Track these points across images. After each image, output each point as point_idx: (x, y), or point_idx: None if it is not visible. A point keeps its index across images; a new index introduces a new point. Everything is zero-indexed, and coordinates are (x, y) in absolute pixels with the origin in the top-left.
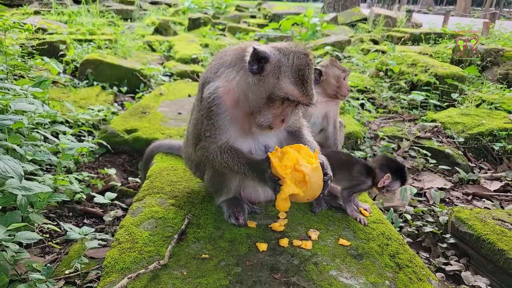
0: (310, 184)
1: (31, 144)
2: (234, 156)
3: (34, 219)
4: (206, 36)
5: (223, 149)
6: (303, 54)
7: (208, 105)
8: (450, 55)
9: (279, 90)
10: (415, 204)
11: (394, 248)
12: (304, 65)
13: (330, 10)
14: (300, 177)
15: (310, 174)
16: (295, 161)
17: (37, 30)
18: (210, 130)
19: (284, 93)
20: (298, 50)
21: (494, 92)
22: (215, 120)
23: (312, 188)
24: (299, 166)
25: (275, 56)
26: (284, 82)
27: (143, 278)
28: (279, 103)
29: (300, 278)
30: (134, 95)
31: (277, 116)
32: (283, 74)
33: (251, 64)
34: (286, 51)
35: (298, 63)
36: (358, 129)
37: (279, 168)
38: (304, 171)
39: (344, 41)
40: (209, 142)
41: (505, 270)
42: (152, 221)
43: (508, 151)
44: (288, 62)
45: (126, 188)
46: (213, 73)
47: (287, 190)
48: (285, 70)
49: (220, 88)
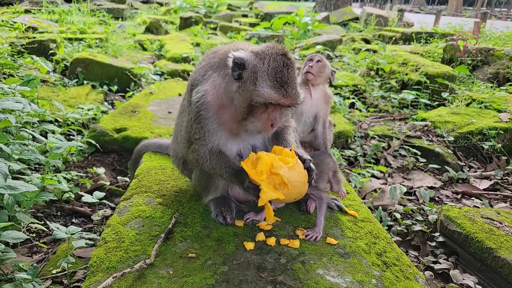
0: (291, 184)
1: (18, 143)
2: (221, 163)
3: (21, 218)
4: (198, 35)
5: (212, 153)
6: (279, 56)
7: (197, 109)
8: (441, 54)
9: (257, 96)
10: (405, 203)
11: (381, 246)
12: (282, 66)
13: (322, 9)
14: (278, 180)
15: (287, 174)
16: (270, 165)
17: (27, 28)
18: (199, 132)
19: (263, 99)
20: (274, 52)
21: (484, 91)
22: (204, 124)
23: (294, 187)
24: (274, 169)
25: (251, 62)
26: (261, 87)
27: (129, 278)
28: (263, 108)
29: (287, 277)
30: (125, 94)
31: (265, 121)
32: (260, 79)
33: (232, 70)
34: (263, 55)
35: (275, 66)
36: (349, 128)
37: (253, 175)
38: (280, 174)
39: (336, 40)
40: (199, 145)
41: (493, 268)
42: (139, 220)
43: (497, 150)
44: (264, 66)
45: (115, 188)
46: (201, 75)
47: (264, 197)
48: (261, 75)
49: (208, 92)
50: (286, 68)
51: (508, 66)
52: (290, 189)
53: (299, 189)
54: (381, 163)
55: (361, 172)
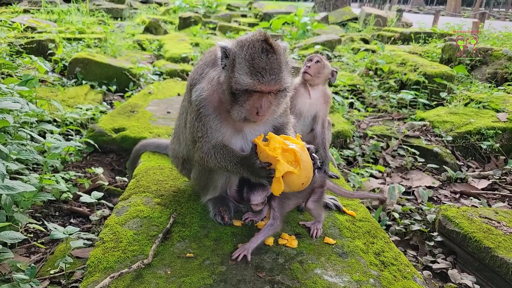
0: (302, 163)
1: (16, 143)
2: (226, 156)
3: (19, 218)
4: (197, 35)
5: (216, 148)
6: (259, 42)
7: (197, 107)
8: (439, 54)
9: (235, 83)
10: (403, 203)
11: (379, 246)
12: (259, 52)
13: (321, 9)
14: (291, 157)
15: (300, 152)
16: (282, 143)
17: (26, 28)
18: (201, 130)
19: (240, 86)
20: (255, 38)
21: (483, 91)
22: (206, 121)
23: (304, 168)
24: (287, 146)
25: (232, 49)
26: (238, 74)
27: (126, 278)
28: (246, 96)
29: (285, 276)
30: (124, 94)
31: (251, 108)
32: (237, 66)
33: (221, 60)
34: (244, 42)
35: (252, 52)
36: (347, 128)
37: (269, 150)
38: (294, 149)
39: (335, 40)
40: (203, 142)
41: (491, 267)
42: (137, 220)
43: (495, 149)
44: (242, 53)
45: (114, 188)
46: (199, 74)
47: (281, 168)
48: (239, 61)
49: (205, 89)
50: (264, 54)
51: (506, 66)
52: (302, 169)
53: (307, 172)
54: (379, 163)
55: (359, 171)
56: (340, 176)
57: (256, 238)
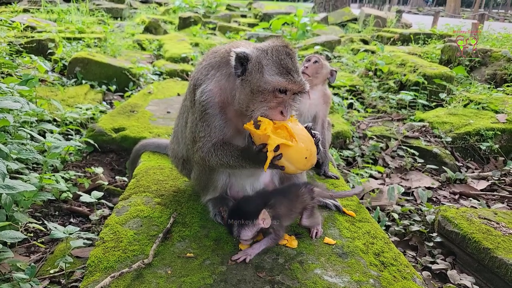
0: (297, 136)
1: (16, 142)
2: (227, 151)
3: (19, 218)
4: (197, 35)
5: (217, 146)
6: (281, 46)
7: (202, 107)
8: (439, 55)
9: (265, 83)
10: (403, 203)
11: (379, 246)
12: (285, 54)
13: (321, 10)
14: (284, 133)
15: (291, 126)
16: (271, 123)
17: (26, 28)
18: (204, 130)
19: (271, 86)
20: (276, 44)
21: (482, 92)
22: (210, 121)
23: (302, 140)
24: (278, 124)
25: (254, 54)
26: (268, 74)
27: (127, 277)
28: (271, 96)
29: (285, 276)
30: (123, 93)
31: (273, 108)
32: (266, 68)
33: (235, 68)
34: (265, 48)
35: (278, 55)
36: (347, 128)
37: (259, 131)
38: (284, 124)
39: (334, 41)
40: (204, 142)
41: (490, 268)
42: (138, 220)
43: (494, 150)
44: (268, 56)
45: (114, 187)
46: (204, 75)
47: (272, 142)
48: (266, 63)
49: (213, 91)
50: (289, 57)
51: (506, 67)
52: (299, 141)
53: (307, 145)
54: (379, 164)
55: (359, 172)
56: (340, 176)
57: (259, 245)
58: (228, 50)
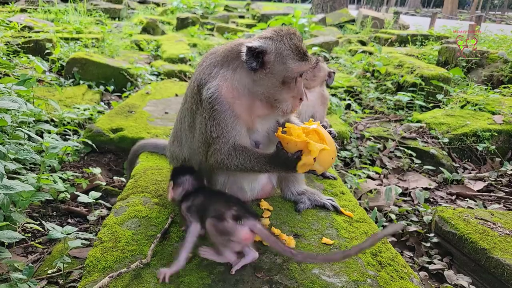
0: (327, 139)
1: (14, 142)
2: (252, 157)
3: (16, 218)
4: (195, 35)
5: (237, 149)
6: (292, 34)
7: (210, 105)
8: (436, 56)
9: (291, 72)
10: (400, 204)
11: (376, 246)
12: (299, 40)
13: (319, 11)
14: (316, 137)
15: (320, 129)
16: (301, 128)
17: (23, 28)
18: (216, 130)
19: (296, 73)
20: (286, 32)
21: (479, 94)
22: (221, 119)
23: (331, 143)
24: (307, 129)
25: (270, 45)
26: (291, 63)
27: (125, 277)
28: (293, 83)
29: (283, 276)
30: (121, 94)
31: (295, 97)
32: (287, 57)
33: (249, 62)
34: (278, 37)
35: (293, 42)
36: (345, 129)
37: (296, 137)
38: (315, 129)
39: (332, 42)
40: (220, 144)
41: (487, 268)
42: (136, 220)
43: (491, 151)
44: (286, 45)
45: (111, 188)
46: (207, 74)
47: (315, 148)
48: (287, 53)
49: (221, 86)
50: (301, 41)
51: (502, 69)
52: (328, 144)
53: (333, 146)
54: (376, 164)
55: (356, 173)
56: (337, 177)
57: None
58: (234, 47)
